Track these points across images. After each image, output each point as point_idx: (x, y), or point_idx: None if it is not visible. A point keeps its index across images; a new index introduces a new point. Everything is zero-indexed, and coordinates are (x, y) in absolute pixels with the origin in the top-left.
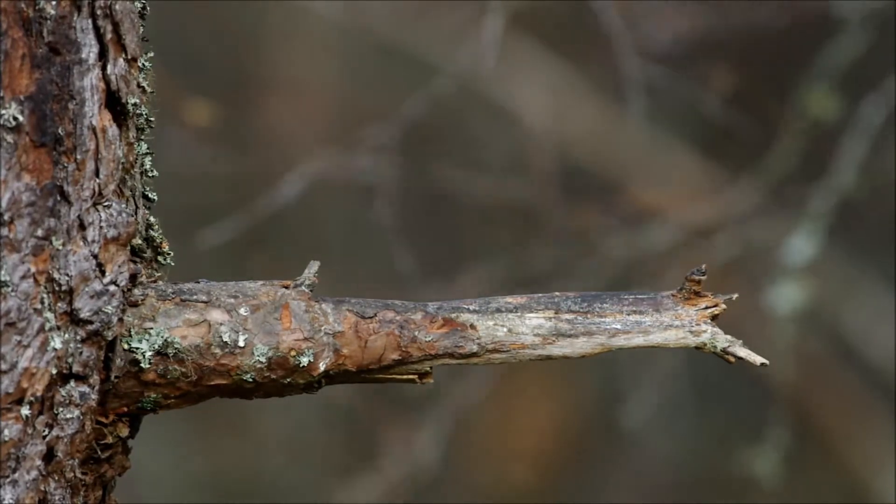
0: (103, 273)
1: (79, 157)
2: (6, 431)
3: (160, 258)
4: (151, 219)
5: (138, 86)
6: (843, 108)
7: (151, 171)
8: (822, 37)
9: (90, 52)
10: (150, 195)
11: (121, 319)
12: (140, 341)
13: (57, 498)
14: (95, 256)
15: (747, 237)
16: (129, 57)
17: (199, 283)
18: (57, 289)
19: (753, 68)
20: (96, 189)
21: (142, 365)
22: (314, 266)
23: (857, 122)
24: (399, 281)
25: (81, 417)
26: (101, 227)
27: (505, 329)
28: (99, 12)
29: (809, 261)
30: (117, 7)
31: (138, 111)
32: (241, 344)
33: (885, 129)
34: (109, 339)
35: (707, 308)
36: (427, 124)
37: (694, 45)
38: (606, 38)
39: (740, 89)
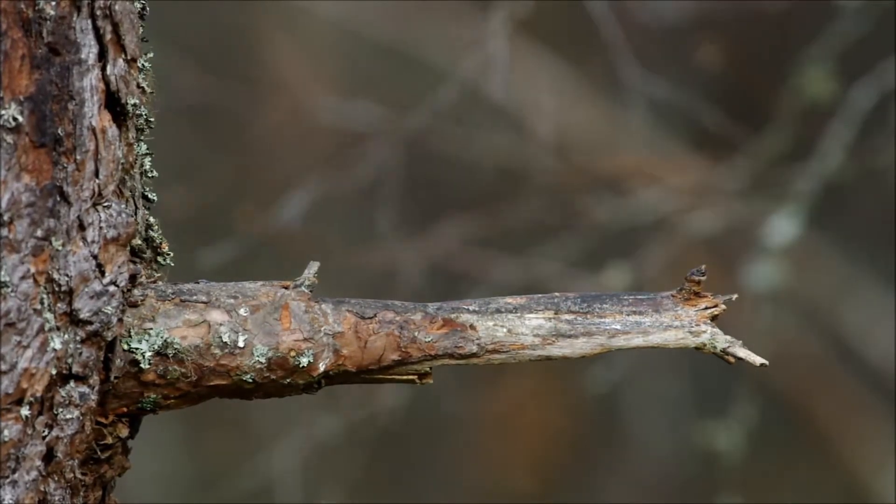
0: (103, 273)
1: (78, 157)
2: (6, 432)
3: (160, 258)
4: (151, 219)
5: (138, 86)
6: (840, 91)
7: (151, 171)
8: (821, 19)
9: (90, 52)
10: (149, 195)
11: (120, 320)
12: (140, 342)
13: (56, 498)
14: (95, 257)
15: (729, 215)
16: (129, 57)
17: (198, 283)
18: (57, 289)
19: (751, 48)
20: (96, 189)
21: (141, 365)
22: (314, 266)
23: (846, 106)
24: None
25: (81, 418)
26: (100, 228)
27: (505, 329)
28: (98, 13)
29: (790, 242)
30: (117, 7)
31: (138, 112)
32: (241, 344)
33: (874, 113)
34: (109, 339)
35: (707, 308)
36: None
37: (693, 23)
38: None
39: (736, 69)
